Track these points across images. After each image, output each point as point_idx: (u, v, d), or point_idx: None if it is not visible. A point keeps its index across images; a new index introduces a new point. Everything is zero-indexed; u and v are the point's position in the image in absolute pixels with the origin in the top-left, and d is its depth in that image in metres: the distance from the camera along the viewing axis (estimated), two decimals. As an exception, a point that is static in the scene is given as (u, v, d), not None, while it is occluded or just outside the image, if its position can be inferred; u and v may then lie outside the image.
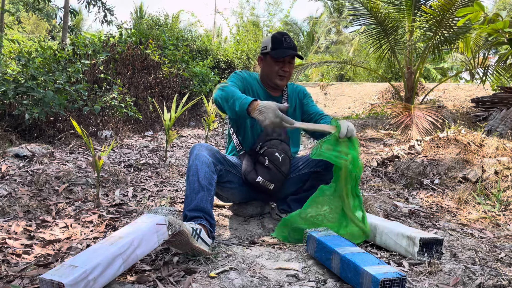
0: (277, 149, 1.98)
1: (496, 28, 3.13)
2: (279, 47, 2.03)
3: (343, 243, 1.54)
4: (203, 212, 1.71)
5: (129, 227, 1.45)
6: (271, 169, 1.94)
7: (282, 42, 2.03)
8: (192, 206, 1.71)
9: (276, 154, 1.96)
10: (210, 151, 1.87)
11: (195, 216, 1.69)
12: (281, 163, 1.95)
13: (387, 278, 1.23)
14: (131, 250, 1.35)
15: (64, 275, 1.18)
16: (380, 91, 12.04)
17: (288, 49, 2.03)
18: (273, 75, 2.09)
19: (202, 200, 1.72)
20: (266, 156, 1.96)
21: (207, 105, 5.56)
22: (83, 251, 1.37)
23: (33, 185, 2.59)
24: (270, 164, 1.94)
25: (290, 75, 2.11)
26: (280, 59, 2.04)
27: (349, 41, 21.84)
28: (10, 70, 5.85)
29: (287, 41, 2.04)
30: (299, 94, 2.25)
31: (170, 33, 9.44)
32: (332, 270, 1.48)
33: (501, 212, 2.48)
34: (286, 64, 2.07)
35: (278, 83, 2.10)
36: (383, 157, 3.93)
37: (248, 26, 15.22)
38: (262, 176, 1.94)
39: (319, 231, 1.66)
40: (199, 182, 1.75)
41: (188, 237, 1.50)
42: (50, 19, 20.91)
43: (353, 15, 7.34)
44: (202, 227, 1.62)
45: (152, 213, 1.62)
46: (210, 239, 1.64)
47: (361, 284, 1.31)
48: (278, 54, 2.03)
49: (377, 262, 1.36)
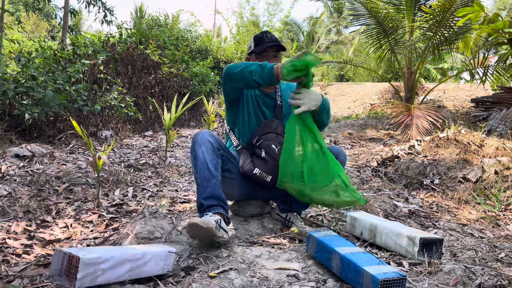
0: (274, 142, 2.01)
1: (496, 28, 3.13)
2: (261, 43, 2.07)
3: (343, 243, 1.54)
4: (217, 199, 1.79)
5: (144, 246, 1.54)
6: (267, 160, 1.97)
7: (263, 38, 2.08)
8: (207, 194, 1.78)
9: (272, 146, 1.99)
10: (213, 137, 1.92)
11: (211, 204, 1.77)
12: (278, 155, 1.96)
13: (387, 278, 1.24)
14: (140, 263, 1.39)
15: (81, 252, 1.26)
16: (380, 91, 12.04)
17: (269, 43, 2.06)
18: None
19: (215, 188, 1.80)
20: (262, 148, 1.99)
21: (207, 105, 5.56)
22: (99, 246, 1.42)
23: (33, 185, 2.59)
24: (267, 155, 1.97)
25: None
26: (263, 54, 2.06)
27: (349, 41, 21.85)
28: (10, 70, 5.86)
29: (268, 36, 2.08)
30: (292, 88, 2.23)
31: (170, 33, 9.44)
32: (332, 270, 1.49)
33: (501, 212, 2.48)
34: (271, 58, 2.07)
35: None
36: (383, 157, 3.93)
37: (248, 26, 15.22)
38: (259, 167, 1.96)
39: (319, 231, 1.67)
40: (209, 170, 1.80)
41: (213, 231, 1.59)
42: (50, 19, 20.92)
43: (353, 15, 7.34)
44: (220, 216, 1.71)
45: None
46: (227, 225, 1.74)
47: (361, 284, 1.31)
48: (259, 48, 2.06)
49: (377, 262, 1.37)
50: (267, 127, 2.08)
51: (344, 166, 2.12)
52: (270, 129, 2.07)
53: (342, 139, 5.74)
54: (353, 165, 3.94)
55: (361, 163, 4.06)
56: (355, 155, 4.61)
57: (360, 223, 1.93)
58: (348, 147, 5.27)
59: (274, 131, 2.05)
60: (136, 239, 1.77)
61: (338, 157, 1.89)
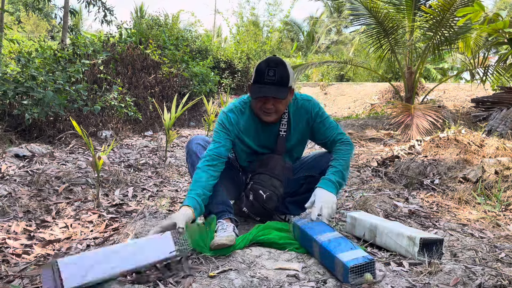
0: (263, 187, 1.88)
1: (496, 28, 3.13)
2: (259, 81, 1.73)
3: (323, 229, 1.61)
4: (224, 205, 1.83)
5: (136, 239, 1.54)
6: (255, 205, 1.92)
7: (264, 75, 1.71)
8: (214, 201, 1.81)
9: (260, 192, 1.87)
10: (208, 142, 1.92)
11: (220, 211, 1.81)
12: (265, 201, 1.88)
13: (356, 264, 1.37)
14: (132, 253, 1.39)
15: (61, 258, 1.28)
16: (380, 91, 12.04)
17: (267, 86, 1.71)
18: (258, 112, 1.84)
19: (220, 194, 1.84)
20: (251, 190, 1.92)
21: (207, 105, 5.55)
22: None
23: (33, 185, 2.59)
24: (254, 200, 1.91)
25: (279, 110, 1.80)
26: (259, 97, 1.76)
27: (349, 41, 21.85)
28: (10, 70, 5.85)
29: (270, 75, 1.71)
30: (306, 113, 1.91)
31: (170, 33, 9.45)
32: (315, 257, 1.60)
33: (501, 212, 2.48)
34: (270, 100, 1.75)
35: (264, 119, 1.84)
36: (383, 157, 3.93)
37: (248, 26, 15.22)
38: (247, 208, 1.95)
39: (303, 219, 1.75)
40: None
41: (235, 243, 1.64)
42: (50, 19, 20.91)
43: (353, 15, 7.34)
44: (232, 223, 1.78)
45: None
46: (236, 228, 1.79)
47: (336, 270, 1.44)
48: (252, 93, 1.76)
49: (349, 247, 1.46)
50: (263, 165, 1.92)
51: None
52: (266, 168, 1.91)
53: (342, 139, 5.73)
54: (353, 165, 3.94)
55: (361, 163, 4.06)
56: (355, 155, 4.61)
57: (360, 223, 1.92)
58: (348, 147, 5.25)
59: (269, 172, 1.90)
60: (136, 239, 1.77)
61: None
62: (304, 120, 1.91)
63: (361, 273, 1.38)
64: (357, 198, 2.74)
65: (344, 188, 1.90)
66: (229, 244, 1.60)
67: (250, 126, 1.91)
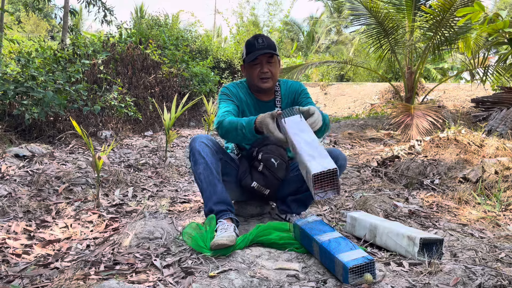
0: (273, 155, 1.93)
1: (496, 28, 3.12)
2: (252, 50, 1.96)
3: (323, 229, 1.61)
4: (225, 204, 1.82)
5: None
6: (266, 175, 1.93)
7: (255, 44, 1.96)
8: (215, 199, 1.81)
9: (271, 160, 1.92)
10: (211, 141, 1.92)
11: (221, 210, 1.80)
12: (277, 169, 1.92)
13: (356, 265, 1.37)
14: None
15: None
16: (380, 91, 12.03)
17: (260, 50, 1.94)
18: (255, 79, 2.01)
19: (222, 193, 1.83)
20: (261, 161, 1.93)
21: (207, 105, 5.56)
22: None
23: (33, 185, 2.59)
24: (265, 170, 1.92)
25: (274, 74, 2.01)
26: (256, 62, 1.97)
27: (349, 41, 21.84)
28: (10, 70, 5.85)
29: (259, 42, 1.96)
30: (295, 91, 2.14)
31: (170, 33, 9.44)
32: (315, 256, 1.59)
33: (501, 212, 2.48)
34: (265, 64, 1.97)
35: (262, 86, 2.01)
36: (383, 157, 3.93)
37: (248, 26, 15.22)
38: (257, 181, 1.93)
39: (304, 218, 1.74)
40: (213, 174, 1.82)
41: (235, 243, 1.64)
42: (50, 19, 20.92)
43: (353, 15, 7.34)
44: (233, 223, 1.77)
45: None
46: (237, 229, 1.78)
47: (336, 271, 1.44)
48: (250, 57, 1.96)
49: (349, 248, 1.46)
50: (268, 137, 2.01)
51: (344, 169, 2.11)
52: (270, 140, 1.97)
53: (342, 139, 5.74)
54: (353, 165, 3.94)
55: (361, 163, 4.06)
56: (355, 155, 4.61)
57: (360, 223, 1.92)
58: (348, 147, 5.27)
59: (275, 142, 1.97)
60: (136, 239, 1.77)
61: (337, 161, 1.85)
62: (293, 97, 2.13)
63: (361, 273, 1.38)
64: (357, 198, 2.74)
65: (328, 133, 1.92)
66: (230, 244, 1.60)
67: (248, 102, 2.07)
